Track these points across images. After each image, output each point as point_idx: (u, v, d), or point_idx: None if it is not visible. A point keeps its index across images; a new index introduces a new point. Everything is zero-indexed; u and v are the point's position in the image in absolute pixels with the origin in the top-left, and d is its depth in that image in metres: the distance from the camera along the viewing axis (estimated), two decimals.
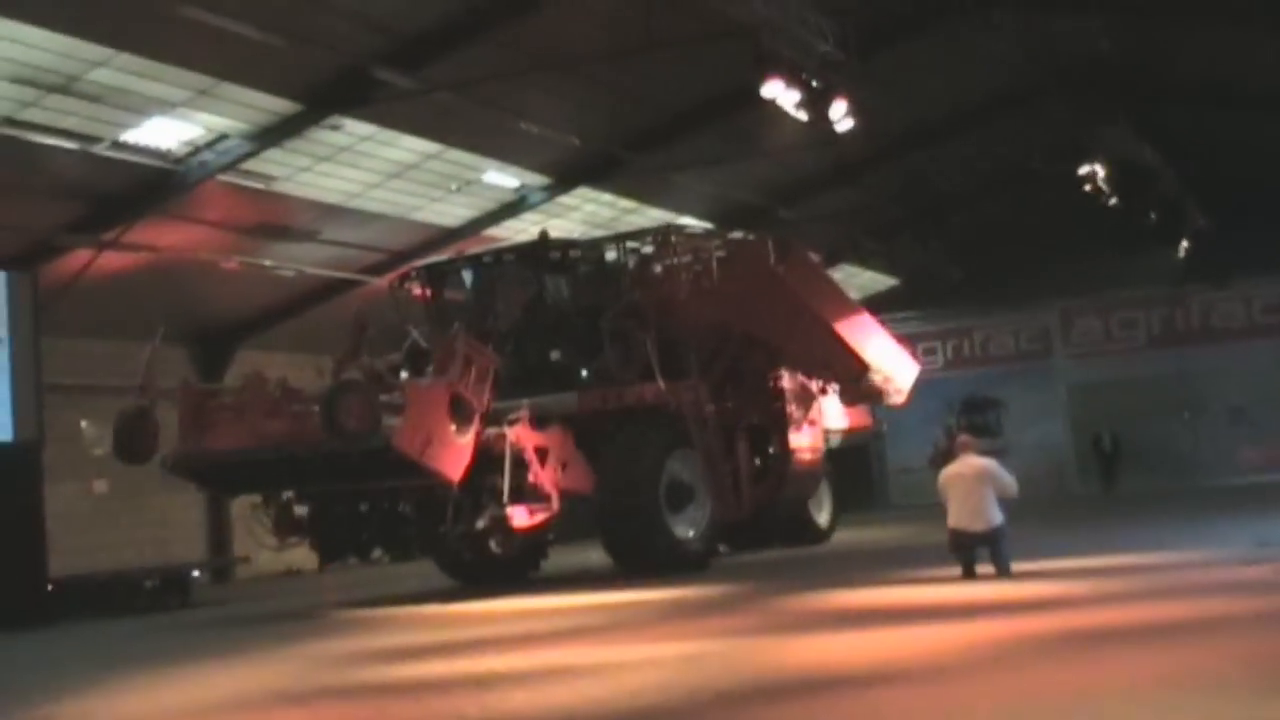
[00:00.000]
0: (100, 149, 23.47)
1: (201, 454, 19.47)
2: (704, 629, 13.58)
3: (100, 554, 26.32)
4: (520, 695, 10.03)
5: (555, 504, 19.69)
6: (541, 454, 19.79)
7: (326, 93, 24.14)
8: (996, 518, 16.07)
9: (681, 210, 34.50)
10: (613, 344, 21.95)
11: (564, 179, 31.09)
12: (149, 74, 22.08)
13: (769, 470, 24.56)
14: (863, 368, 24.64)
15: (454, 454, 18.36)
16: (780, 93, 21.75)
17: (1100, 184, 34.54)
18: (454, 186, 29.62)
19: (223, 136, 24.57)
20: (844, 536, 27.41)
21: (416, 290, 23.14)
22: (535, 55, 24.45)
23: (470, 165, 29.13)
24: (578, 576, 21.03)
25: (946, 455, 41.48)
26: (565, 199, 31.93)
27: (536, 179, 30.80)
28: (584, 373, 22.05)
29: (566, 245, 23.60)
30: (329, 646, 14.68)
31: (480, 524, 19.26)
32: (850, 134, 23.97)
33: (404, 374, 20.96)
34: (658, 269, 23.79)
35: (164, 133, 24.00)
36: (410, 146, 27.43)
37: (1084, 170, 34.18)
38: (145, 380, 19.50)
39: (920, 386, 44.92)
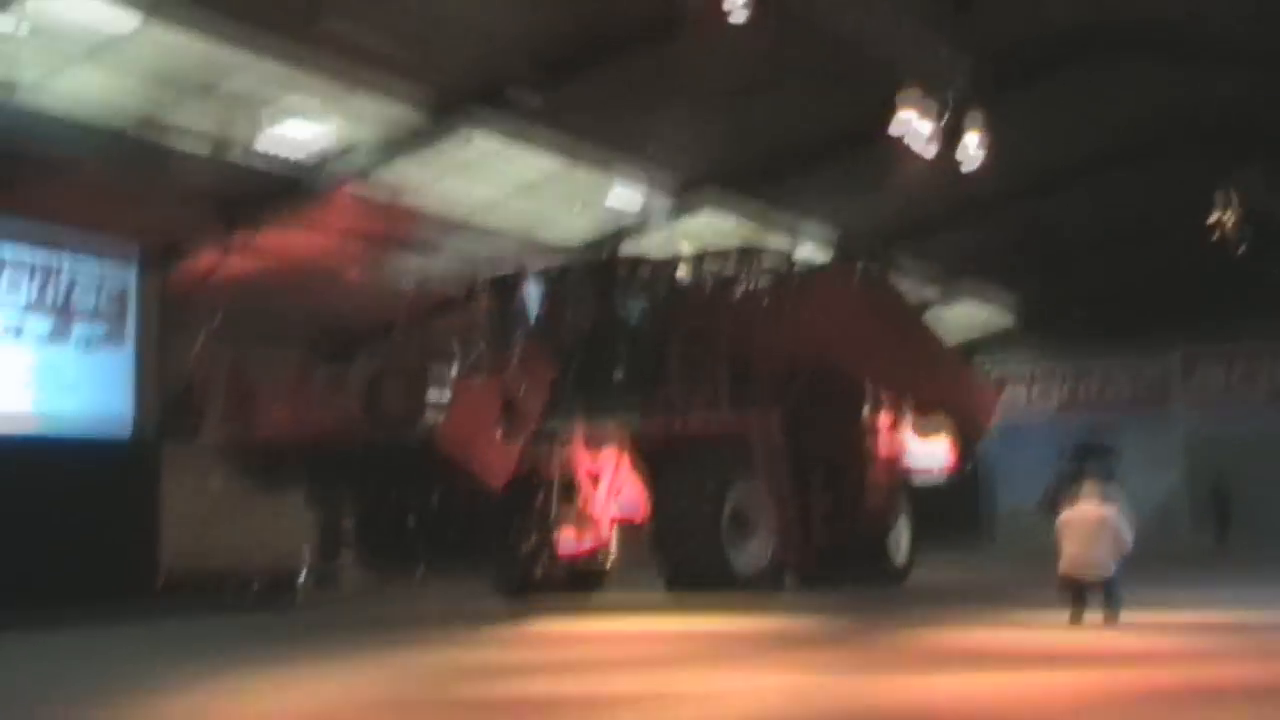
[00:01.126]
0: (234, 154, 23.85)
1: (242, 441, 18.92)
2: (806, 662, 13.54)
3: (212, 552, 26.58)
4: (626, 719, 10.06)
5: (606, 532, 19.42)
6: (594, 478, 19.45)
7: (458, 107, 24.37)
8: (1110, 567, 15.93)
9: (802, 238, 34.43)
10: (679, 368, 21.48)
11: (688, 202, 31.13)
12: (286, 82, 22.40)
13: (842, 507, 23.69)
14: (939, 403, 24.03)
15: (499, 460, 17.70)
16: (911, 126, 21.70)
17: (1229, 232, 34.09)
18: (577, 205, 29.75)
19: (353, 145, 24.87)
20: (948, 575, 27.21)
21: (484, 302, 22.69)
22: (667, 81, 24.51)
23: (595, 185, 29.24)
24: (644, 603, 20.49)
25: (1056, 499, 41.13)
26: (689, 221, 31.95)
27: (662, 200, 30.85)
28: (648, 397, 21.45)
29: (635, 263, 23.16)
30: (432, 659, 14.75)
31: (525, 547, 18.89)
32: (977, 172, 23.79)
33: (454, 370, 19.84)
34: (733, 293, 23.17)
35: (296, 140, 24.35)
36: (537, 164, 27.59)
37: (1213, 218, 33.75)
38: (196, 361, 19.30)
39: (1033, 429, 45.05)
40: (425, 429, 17.32)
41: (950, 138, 22.49)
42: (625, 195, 30.12)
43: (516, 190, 28.34)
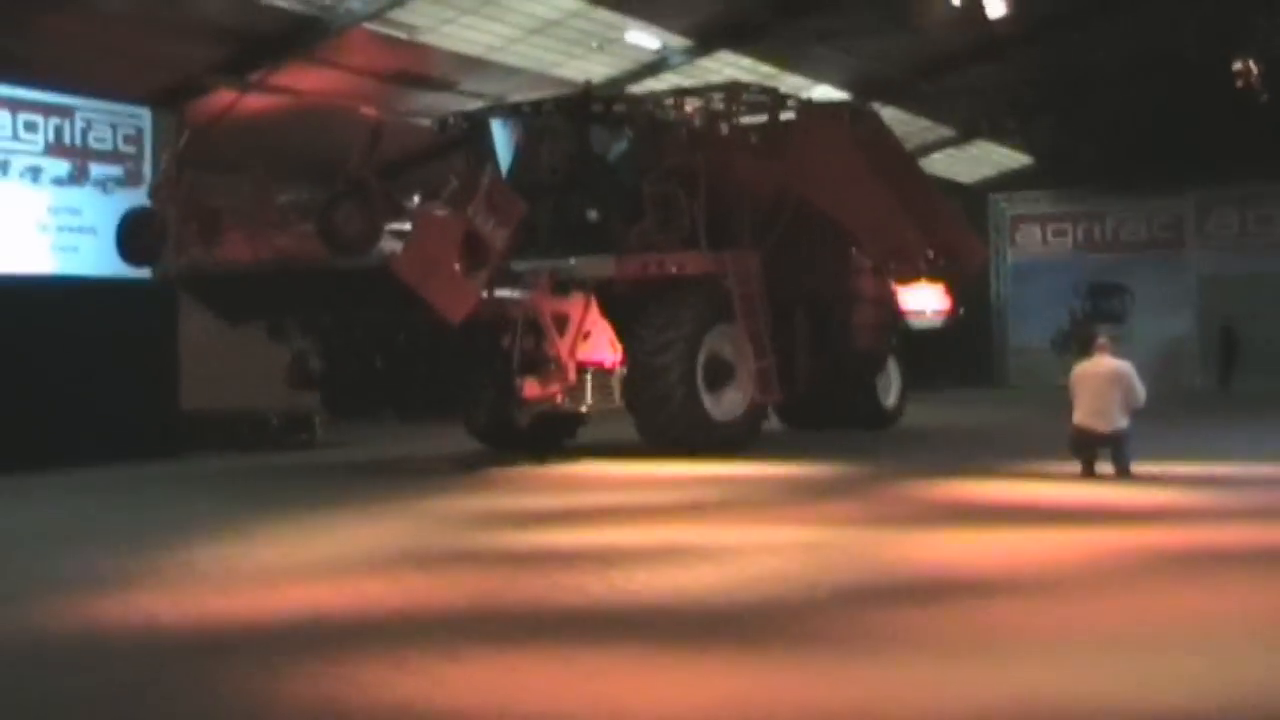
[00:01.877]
0: None
1: (201, 268, 18.35)
2: (819, 515, 13.72)
3: (231, 390, 26.80)
4: (642, 575, 10.26)
5: (571, 375, 18.74)
6: (560, 322, 18.69)
7: None
8: (1122, 421, 16.06)
9: (820, 79, 34.26)
10: (656, 207, 20.62)
11: (706, 42, 30.91)
12: None
13: (826, 346, 23.21)
14: (919, 246, 23.05)
15: (459, 293, 17.07)
16: None
17: (1253, 80, 33.80)
18: (595, 44, 29.54)
19: None
20: (961, 419, 27.42)
21: (456, 136, 22.00)
22: None
23: (613, 24, 29.01)
24: (627, 449, 20.20)
25: (1069, 339, 41.33)
26: (706, 62, 31.72)
27: (678, 41, 30.65)
28: (623, 237, 20.68)
29: (611, 99, 22.19)
30: (450, 504, 15.02)
31: (490, 390, 18.41)
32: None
33: (416, 199, 19.09)
34: (715, 129, 22.43)
35: None
36: (554, 3, 27.40)
37: (1237, 65, 33.45)
38: (160, 182, 18.59)
39: (1047, 268, 45.12)
40: (381, 254, 16.74)
41: None
42: (643, 36, 29.92)
43: (534, 29, 28.17)
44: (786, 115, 22.93)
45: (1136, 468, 16.04)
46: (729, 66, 32.40)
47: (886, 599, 9.33)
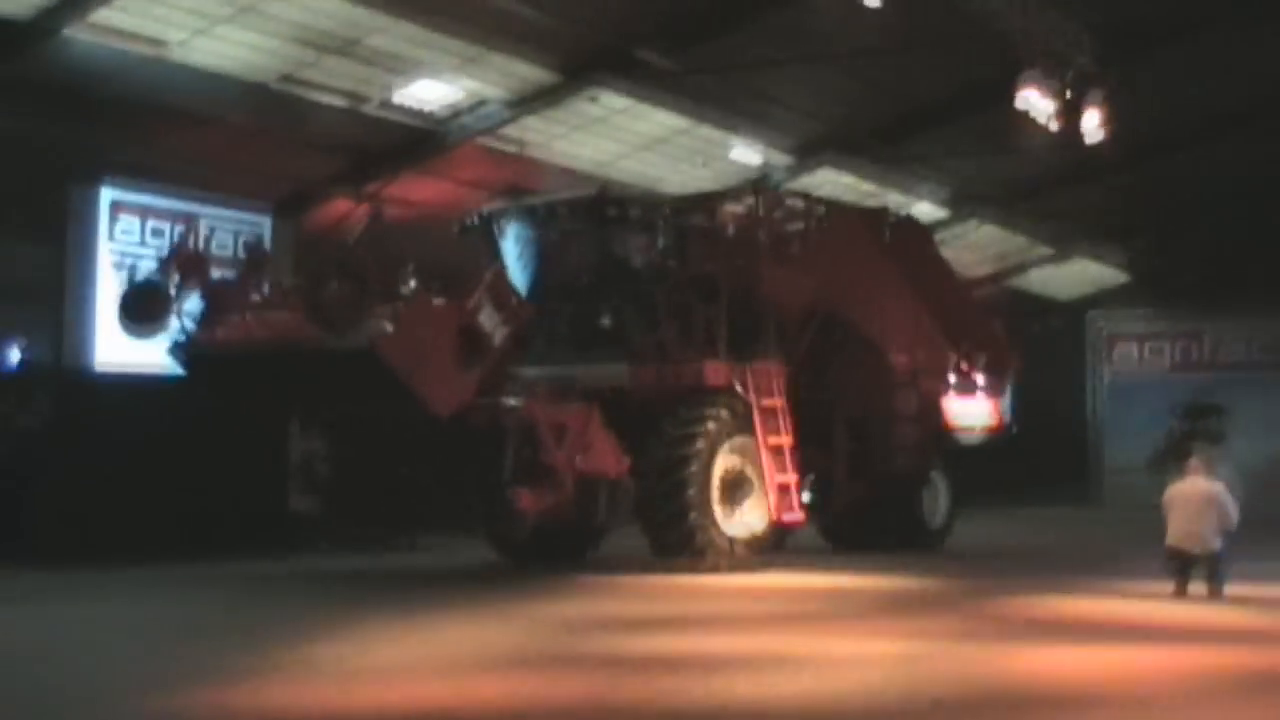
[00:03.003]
0: (369, 108, 24.64)
1: (196, 345, 17.61)
2: (913, 629, 13.97)
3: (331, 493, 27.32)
4: (744, 683, 10.57)
5: (569, 487, 17.65)
6: (557, 431, 17.67)
7: (587, 66, 25.01)
8: (1215, 542, 16.21)
9: (920, 197, 34.77)
10: (671, 315, 19.81)
11: (807, 159, 31.53)
12: (421, 41, 23.14)
13: (866, 468, 22.14)
14: (946, 358, 22.15)
15: (449, 386, 16.33)
16: (1034, 104, 21.75)
17: None
18: (700, 161, 30.18)
19: (483, 101, 25.55)
20: (1054, 534, 27.33)
21: (473, 233, 21.12)
22: (792, 43, 24.93)
23: (717, 141, 29.68)
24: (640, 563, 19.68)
25: (1165, 458, 41.00)
26: (807, 178, 32.32)
27: (781, 158, 31.28)
28: (637, 345, 19.90)
29: (626, 201, 20.80)
30: (554, 610, 15.37)
31: (483, 500, 17.86)
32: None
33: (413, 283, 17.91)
34: (744, 234, 21.60)
35: (429, 95, 25.08)
36: (661, 121, 28.11)
37: None
38: (169, 262, 17.94)
39: (1144, 386, 44.96)
40: (370, 334, 15.94)
41: (1073, 113, 22.44)
42: (746, 153, 30.55)
43: (640, 146, 28.88)
44: (820, 218, 22.38)
45: (1230, 589, 16.16)
46: (829, 183, 32.97)
47: (982, 710, 9.63)
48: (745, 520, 19.46)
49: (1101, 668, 11.46)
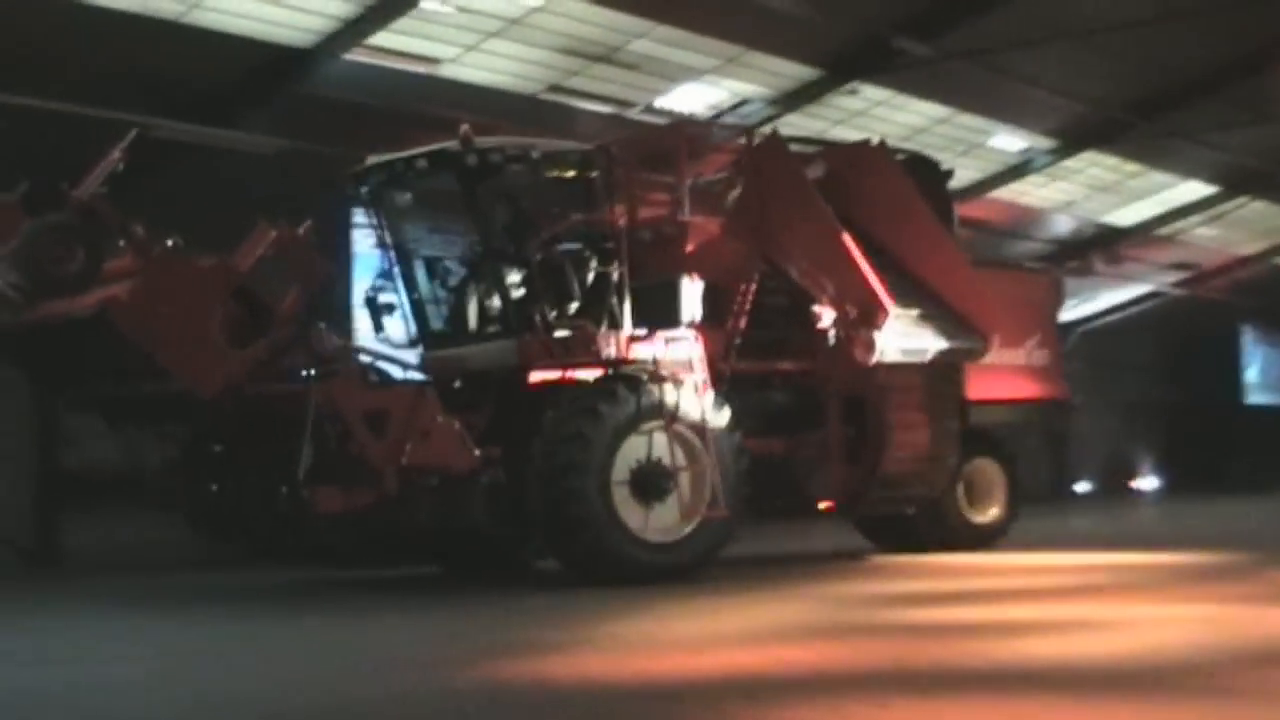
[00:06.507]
0: (633, 113, 25.27)
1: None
2: (1208, 594, 13.91)
3: None
4: (1049, 644, 10.64)
5: (392, 483, 14.60)
6: (376, 419, 14.69)
7: (848, 60, 25.29)
8: None
9: (1187, 175, 34.26)
10: (545, 281, 16.29)
11: (1069, 143, 31.30)
12: (683, 44, 23.70)
13: (863, 451, 18.32)
14: (883, 310, 17.46)
15: (213, 361, 14.04)
16: None
17: None
18: (960, 149, 30.17)
19: (744, 101, 25.93)
20: None
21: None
22: (1049, 24, 24.82)
23: (978, 129, 29.70)
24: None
25: None
26: (1069, 163, 32.10)
27: (1042, 142, 31.10)
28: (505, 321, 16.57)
29: (489, 149, 16.08)
30: (842, 589, 15.56)
31: (276, 502, 14.99)
32: None
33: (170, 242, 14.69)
34: (648, 180, 18.08)
35: (691, 98, 25.63)
36: (921, 110, 28.24)
37: None
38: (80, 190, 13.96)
39: None
40: (101, 297, 13.52)
41: None
42: (1008, 139, 30.48)
43: (901, 137, 28.82)
44: (750, 157, 18.41)
45: None
46: (1094, 166, 32.70)
47: None
48: (665, 520, 15.81)
49: None
